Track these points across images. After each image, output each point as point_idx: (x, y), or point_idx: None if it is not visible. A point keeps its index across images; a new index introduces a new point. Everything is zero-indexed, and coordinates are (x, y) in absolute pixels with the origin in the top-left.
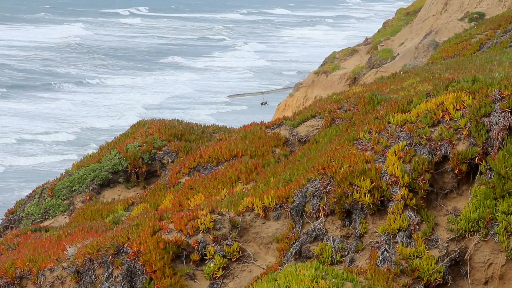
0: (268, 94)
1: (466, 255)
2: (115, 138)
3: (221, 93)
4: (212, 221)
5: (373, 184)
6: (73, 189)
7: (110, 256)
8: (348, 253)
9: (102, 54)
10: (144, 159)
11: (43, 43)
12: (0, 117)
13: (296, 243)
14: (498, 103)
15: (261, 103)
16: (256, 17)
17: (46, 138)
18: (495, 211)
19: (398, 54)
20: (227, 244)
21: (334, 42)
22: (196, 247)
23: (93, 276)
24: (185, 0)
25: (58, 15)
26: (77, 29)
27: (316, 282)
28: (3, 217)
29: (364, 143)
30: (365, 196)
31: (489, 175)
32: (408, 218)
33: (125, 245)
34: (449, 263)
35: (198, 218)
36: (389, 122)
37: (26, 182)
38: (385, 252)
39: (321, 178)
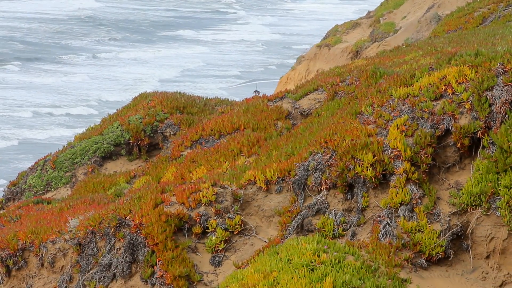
0: (259, 83)
1: (468, 229)
2: (117, 110)
3: (232, 66)
4: (214, 194)
5: (375, 157)
6: (75, 161)
7: (112, 229)
8: (350, 227)
9: (114, 27)
10: (146, 132)
11: (54, 15)
12: (16, 90)
13: (298, 216)
14: (501, 77)
15: (254, 91)
16: None
17: (60, 112)
18: (497, 185)
19: (401, 27)
20: (229, 217)
21: (344, 15)
22: (198, 220)
23: (95, 248)
24: None
25: None
26: (88, 1)
27: (317, 255)
28: (6, 189)
29: (366, 116)
30: (367, 170)
31: (492, 149)
32: (410, 192)
33: (127, 217)
34: (451, 237)
35: (200, 191)
36: (391, 95)
37: (41, 155)
38: (387, 226)
39: (323, 151)
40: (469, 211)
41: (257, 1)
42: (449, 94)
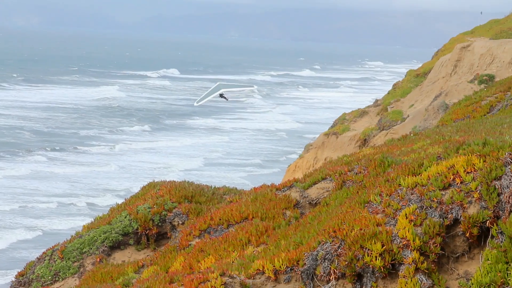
0: (229, 93)
1: None
2: (125, 200)
3: (253, 155)
4: (222, 284)
5: (384, 247)
6: (83, 251)
7: None
8: None
9: (135, 116)
10: (155, 221)
11: (80, 105)
12: (41, 180)
13: None
14: (509, 167)
15: (220, 95)
16: (284, 78)
17: (83, 201)
18: (507, 275)
19: (408, 116)
20: None
21: (359, 103)
22: None
23: None
24: (212, 62)
25: (89, 77)
26: (110, 91)
27: None
28: (13, 279)
29: (375, 206)
30: (376, 259)
31: (501, 238)
32: (419, 282)
33: None
34: None
35: (209, 281)
36: (400, 184)
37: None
38: None
39: (332, 241)
40: None
41: (276, 90)
42: (457, 183)
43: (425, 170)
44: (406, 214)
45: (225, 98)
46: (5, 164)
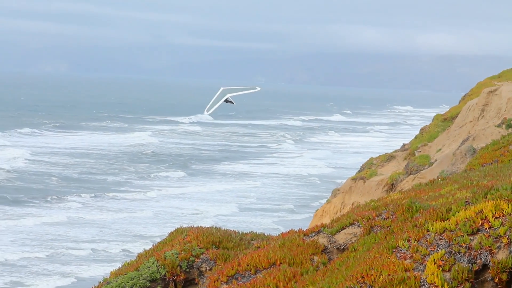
0: (235, 96)
1: None
2: (153, 245)
3: (286, 200)
4: None
5: None
6: None
7: None
8: None
9: (169, 162)
10: (182, 267)
11: (111, 150)
12: (73, 226)
13: None
14: None
15: (226, 100)
16: (315, 123)
17: (116, 247)
18: None
19: (436, 160)
20: None
21: (390, 148)
22: None
23: None
24: (242, 107)
25: (119, 122)
26: (143, 137)
27: None
28: None
29: (403, 251)
30: None
31: None
32: None
33: None
34: None
35: None
36: (428, 230)
37: None
38: None
39: (360, 286)
40: None
41: (307, 134)
42: (486, 228)
43: (454, 215)
44: (434, 260)
45: (231, 102)
46: (36, 211)
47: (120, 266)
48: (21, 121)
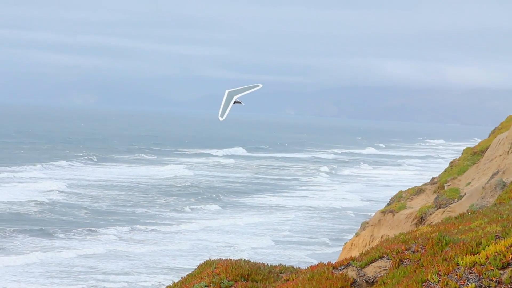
0: (241, 96)
1: None
2: (182, 278)
3: (319, 233)
4: None
5: None
6: None
7: None
8: None
9: (203, 194)
10: None
11: (147, 183)
12: (106, 258)
13: None
14: None
15: (235, 102)
16: (347, 156)
17: (149, 279)
18: None
19: (465, 193)
20: None
21: (422, 181)
22: None
23: None
24: (273, 139)
25: (153, 155)
26: (179, 169)
27: None
28: None
29: (432, 285)
30: None
31: None
32: None
33: None
34: None
35: None
36: (457, 264)
37: None
38: None
39: None
40: None
41: (340, 168)
42: None
43: (484, 249)
44: None
45: (239, 102)
46: (69, 243)
47: None
48: (55, 154)
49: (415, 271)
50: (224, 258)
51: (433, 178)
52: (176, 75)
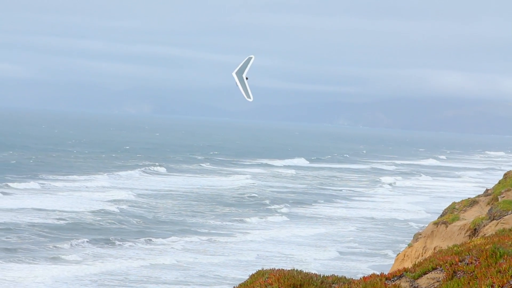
0: (246, 72)
1: None
2: (234, 287)
3: (381, 244)
4: None
5: None
6: None
7: None
8: None
9: (263, 205)
10: None
11: (212, 193)
12: (157, 268)
13: None
14: None
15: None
16: (408, 168)
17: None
18: None
19: None
20: None
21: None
22: None
23: None
24: (336, 150)
25: (216, 165)
26: (243, 180)
27: None
28: None
29: None
30: None
31: None
32: None
33: None
34: None
35: None
36: None
37: None
38: None
39: None
40: None
41: (400, 179)
42: None
43: None
44: None
45: (247, 78)
46: (133, 253)
47: None
48: (118, 163)
49: (468, 283)
50: (276, 268)
51: (487, 190)
52: (228, 85)
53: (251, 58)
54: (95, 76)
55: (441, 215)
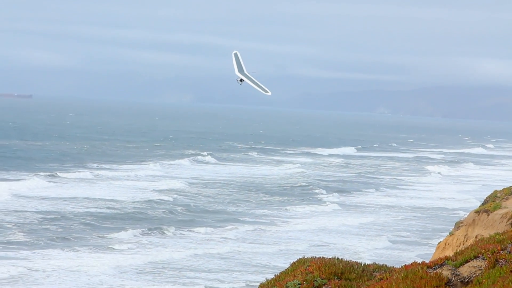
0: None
1: None
2: (275, 275)
3: (430, 233)
4: None
5: None
6: None
7: None
8: None
9: (312, 194)
10: None
11: (264, 183)
12: (197, 257)
13: None
14: None
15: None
16: (456, 156)
17: (242, 278)
18: None
19: None
20: None
21: None
22: None
23: None
24: (381, 139)
25: (265, 154)
26: (294, 169)
27: None
28: None
29: None
30: None
31: None
32: None
33: None
34: None
35: None
36: None
37: None
38: None
39: None
40: None
41: (448, 168)
42: None
43: None
44: None
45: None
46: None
47: None
48: (167, 152)
49: (511, 271)
50: (317, 257)
51: None
52: (270, 74)
53: (236, 53)
54: (135, 65)
55: (482, 203)
